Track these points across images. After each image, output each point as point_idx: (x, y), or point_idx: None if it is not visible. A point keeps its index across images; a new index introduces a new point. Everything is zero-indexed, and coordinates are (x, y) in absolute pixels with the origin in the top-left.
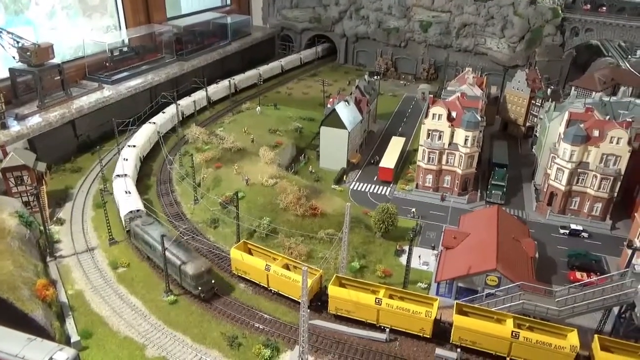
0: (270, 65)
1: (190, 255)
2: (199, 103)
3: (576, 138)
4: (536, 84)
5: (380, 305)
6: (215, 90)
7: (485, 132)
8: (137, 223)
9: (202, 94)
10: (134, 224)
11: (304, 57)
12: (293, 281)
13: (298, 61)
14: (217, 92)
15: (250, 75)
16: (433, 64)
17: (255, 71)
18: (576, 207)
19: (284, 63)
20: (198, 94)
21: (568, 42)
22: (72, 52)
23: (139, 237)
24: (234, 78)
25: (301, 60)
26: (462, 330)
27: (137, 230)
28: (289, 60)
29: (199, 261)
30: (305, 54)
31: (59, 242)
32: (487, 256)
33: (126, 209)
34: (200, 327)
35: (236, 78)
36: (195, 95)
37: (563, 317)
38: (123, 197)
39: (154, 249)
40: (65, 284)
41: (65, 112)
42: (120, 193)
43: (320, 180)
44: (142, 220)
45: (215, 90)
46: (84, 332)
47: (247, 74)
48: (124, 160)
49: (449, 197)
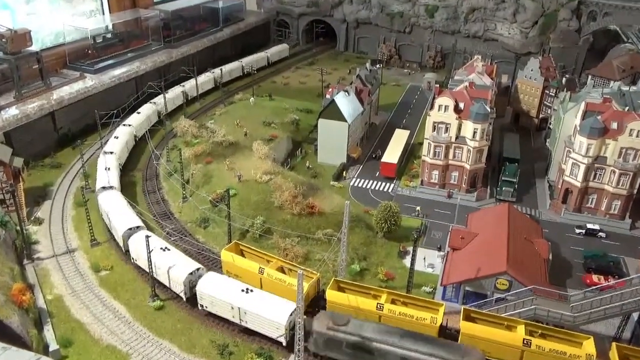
0: (229, 66)
1: None
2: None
3: (593, 131)
4: (550, 72)
5: (382, 311)
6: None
7: (495, 124)
8: (330, 325)
9: (191, 84)
10: (322, 329)
11: (271, 55)
12: (288, 285)
13: (265, 60)
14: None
15: (205, 80)
16: (440, 51)
17: (210, 74)
18: (593, 205)
19: (244, 63)
20: (187, 83)
21: (585, 28)
22: (52, 39)
23: (334, 344)
24: (183, 85)
25: (268, 60)
26: (470, 338)
27: (332, 335)
28: (251, 61)
29: None
30: (272, 51)
31: (37, 244)
32: (497, 258)
33: (124, 225)
34: (188, 335)
35: (185, 85)
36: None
37: (578, 323)
38: (116, 210)
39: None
40: (44, 289)
41: (44, 104)
42: (111, 205)
43: (318, 176)
44: (332, 318)
45: (170, 98)
46: (63, 340)
47: (203, 77)
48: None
49: (456, 194)
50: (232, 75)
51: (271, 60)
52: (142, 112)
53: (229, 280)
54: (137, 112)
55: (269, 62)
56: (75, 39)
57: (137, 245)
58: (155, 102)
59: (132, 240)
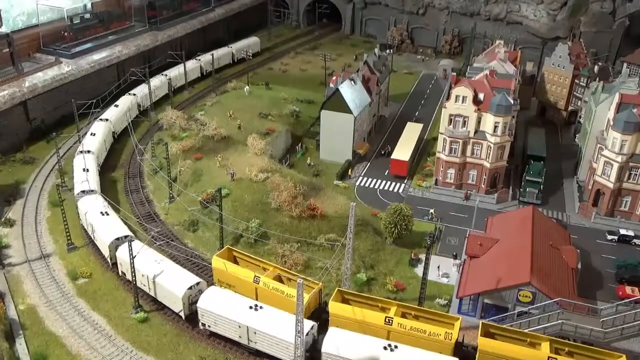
0: (174, 70)
1: None
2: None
3: (628, 125)
4: (581, 59)
5: (391, 326)
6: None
7: (519, 117)
8: None
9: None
10: None
11: (236, 50)
12: (287, 296)
13: (229, 57)
14: None
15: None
16: (457, 35)
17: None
18: (627, 209)
19: (203, 63)
20: (174, 69)
21: (620, 10)
22: (24, 20)
23: None
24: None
25: (233, 56)
26: (489, 356)
27: None
28: (208, 60)
29: None
30: (238, 46)
31: (8, 248)
32: (519, 267)
33: (110, 235)
34: (175, 351)
35: (172, 71)
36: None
37: (609, 340)
38: (99, 218)
39: None
40: (15, 298)
41: (15, 92)
42: (93, 212)
43: (321, 175)
44: None
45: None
46: (37, 354)
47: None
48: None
49: (475, 195)
50: (168, 90)
51: (237, 56)
52: (120, 104)
53: (234, 296)
54: (115, 105)
55: (234, 60)
56: (50, 19)
57: (126, 257)
58: (135, 93)
59: (121, 251)
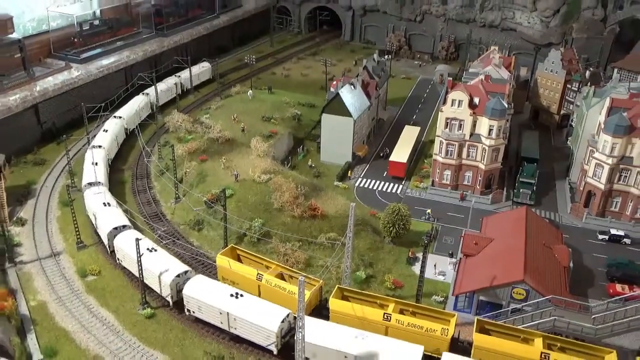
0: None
1: None
2: None
3: (618, 128)
4: (573, 65)
5: (389, 322)
6: None
7: (512, 121)
8: None
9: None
10: None
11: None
12: (288, 293)
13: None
14: None
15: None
16: (453, 41)
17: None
18: (617, 209)
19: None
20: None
21: (611, 17)
22: (35, 26)
23: None
24: None
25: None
26: (484, 351)
27: None
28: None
29: None
30: (186, 75)
31: (20, 246)
32: (513, 265)
33: (110, 224)
34: (181, 346)
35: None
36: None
37: (600, 336)
38: (102, 207)
39: None
40: (27, 294)
41: (27, 96)
42: (97, 202)
43: (321, 176)
44: None
45: None
46: (47, 349)
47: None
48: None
49: (470, 196)
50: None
51: (185, 87)
52: (134, 103)
53: (217, 284)
54: (129, 104)
55: (183, 90)
56: (60, 25)
57: (122, 245)
58: (148, 93)
59: (118, 240)
